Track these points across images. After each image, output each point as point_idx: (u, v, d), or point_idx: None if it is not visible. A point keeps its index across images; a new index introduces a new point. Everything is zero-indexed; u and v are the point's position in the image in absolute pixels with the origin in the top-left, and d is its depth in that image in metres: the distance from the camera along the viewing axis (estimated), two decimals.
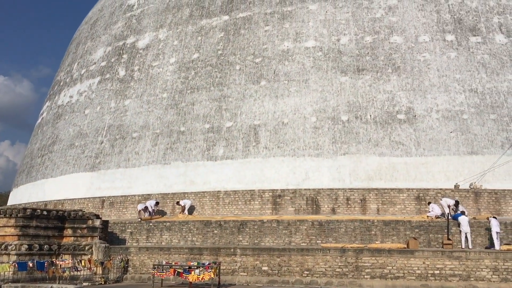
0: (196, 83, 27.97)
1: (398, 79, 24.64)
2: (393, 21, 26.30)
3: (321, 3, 27.93)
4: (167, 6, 32.18)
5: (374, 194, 22.14)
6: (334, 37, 26.72)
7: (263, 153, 24.71)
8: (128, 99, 29.83)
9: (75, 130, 31.81)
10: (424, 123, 23.40)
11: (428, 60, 24.93)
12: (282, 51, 27.15)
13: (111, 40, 34.20)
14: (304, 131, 24.69)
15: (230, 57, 27.92)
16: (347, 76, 25.41)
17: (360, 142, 23.64)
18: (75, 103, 33.44)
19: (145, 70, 30.18)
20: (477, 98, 24.02)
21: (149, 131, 27.73)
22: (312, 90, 25.51)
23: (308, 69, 26.09)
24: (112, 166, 28.01)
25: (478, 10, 26.54)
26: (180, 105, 27.64)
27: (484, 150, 22.77)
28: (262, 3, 29.22)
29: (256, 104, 26.07)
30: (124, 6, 35.39)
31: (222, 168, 25.21)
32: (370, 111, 24.35)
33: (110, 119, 29.93)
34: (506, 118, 23.52)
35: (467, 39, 25.60)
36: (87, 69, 34.76)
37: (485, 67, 24.69)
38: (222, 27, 29.38)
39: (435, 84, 24.23)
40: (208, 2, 30.78)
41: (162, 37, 30.97)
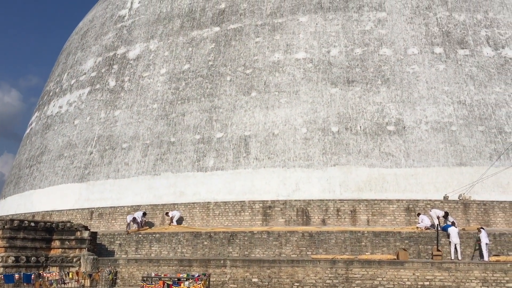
0: (187, 94, 27.96)
1: (388, 90, 24.85)
2: (382, 34, 26.58)
3: (312, 15, 28.18)
4: (158, 17, 32.27)
5: (364, 205, 22.17)
6: (324, 49, 26.93)
7: (254, 164, 24.70)
8: (118, 110, 29.74)
9: (64, 140, 31.60)
10: (413, 135, 23.58)
11: (417, 72, 25.19)
12: (272, 62, 27.29)
13: (101, 51, 34.15)
14: (295, 142, 24.75)
15: (221, 68, 28.00)
16: (337, 87, 25.58)
17: (350, 153, 23.74)
18: (65, 113, 33.25)
19: (136, 80, 30.14)
20: (465, 110, 24.29)
21: (139, 141, 27.62)
22: (303, 102, 25.64)
23: (298, 80, 26.23)
24: (101, 177, 27.80)
25: (466, 24, 26.93)
26: (171, 116, 27.60)
27: (472, 162, 22.97)
28: (253, 15, 29.41)
29: (246, 115, 26.12)
30: (115, 17, 35.40)
31: (213, 179, 25.13)
32: (360, 122, 24.50)
33: (99, 130, 29.79)
34: (494, 130, 23.79)
35: (455, 51, 25.93)
36: (77, 79, 34.63)
37: (473, 80, 25.00)
38: (213, 38, 29.49)
39: (424, 96, 24.47)
40: (199, 14, 30.90)
41: (153, 48, 31.00)
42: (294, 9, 28.86)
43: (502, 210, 21.40)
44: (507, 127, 23.64)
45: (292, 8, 28.85)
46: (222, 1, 31.13)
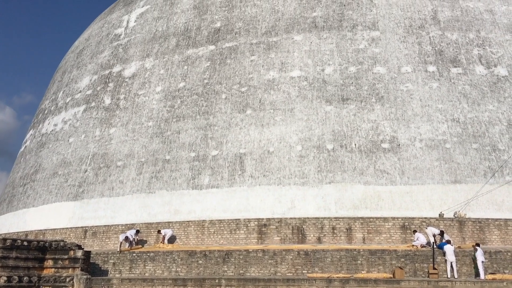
0: (182, 112, 28.03)
1: (382, 108, 25.01)
2: (376, 52, 26.85)
3: (306, 34, 28.46)
4: (153, 36, 32.50)
5: (359, 223, 22.11)
6: (319, 67, 27.15)
7: (249, 181, 24.66)
8: (113, 128, 29.72)
9: (58, 158, 31.49)
10: (408, 152, 23.66)
11: (411, 90, 25.40)
12: (267, 80, 27.45)
13: (97, 69, 34.29)
14: (290, 160, 24.76)
15: (216, 86, 28.13)
16: (332, 105, 25.72)
17: (345, 170, 23.76)
18: (59, 131, 33.21)
19: (131, 98, 30.21)
20: (459, 127, 24.45)
21: (134, 159, 27.56)
22: (298, 119, 25.73)
23: (293, 98, 26.37)
24: (95, 195, 27.65)
25: (458, 42, 27.28)
26: (166, 134, 27.61)
27: (467, 179, 23.04)
28: (248, 33, 29.68)
29: (242, 133, 26.16)
30: (111, 36, 35.65)
31: (208, 197, 25.03)
32: (355, 140, 24.58)
33: (94, 148, 29.74)
34: (488, 147, 23.93)
35: (448, 70, 26.21)
36: (72, 97, 34.69)
37: (467, 98, 25.22)
38: (208, 57, 29.68)
39: (418, 113, 24.63)
40: (195, 32, 31.16)
41: (149, 66, 31.15)
42: (288, 28, 29.17)
43: (497, 227, 21.39)
44: (500, 144, 23.79)
45: (286, 27, 29.15)
46: (218, 20, 31.44)
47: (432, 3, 28.47)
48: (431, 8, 28.23)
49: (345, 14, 28.61)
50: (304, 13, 29.47)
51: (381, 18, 28.00)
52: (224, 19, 31.17)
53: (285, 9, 30.07)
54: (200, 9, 32.34)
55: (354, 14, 28.57)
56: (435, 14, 28.13)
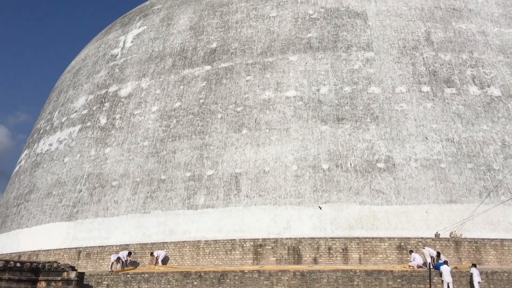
0: (178, 132, 28.05)
1: (377, 128, 25.12)
2: (370, 73, 27.09)
3: (301, 54, 28.72)
4: (150, 56, 32.71)
5: (355, 243, 21.99)
6: (314, 87, 27.32)
7: (244, 201, 24.55)
8: (108, 147, 29.68)
9: (53, 178, 31.31)
10: (403, 172, 23.69)
11: (405, 110, 25.56)
12: (263, 100, 27.58)
13: (93, 89, 34.38)
14: (285, 180, 24.73)
15: (212, 106, 28.21)
16: (327, 125, 25.81)
17: (341, 190, 23.73)
18: (54, 151, 33.10)
19: (127, 118, 30.23)
20: (453, 147, 24.55)
21: (129, 179, 27.45)
22: (293, 139, 25.78)
23: (289, 118, 26.47)
24: (90, 215, 27.44)
25: (451, 63, 27.58)
26: (161, 153, 27.56)
27: (462, 199, 23.04)
28: (243, 54, 29.92)
29: (237, 153, 26.15)
30: (107, 56, 35.86)
31: (203, 217, 24.87)
32: (350, 159, 24.61)
33: (89, 167, 29.63)
34: (483, 167, 24.00)
35: (442, 90, 26.44)
36: (68, 117, 34.69)
37: (461, 118, 25.40)
38: (204, 77, 29.84)
39: (413, 133, 24.74)
40: (191, 53, 31.39)
41: (145, 86, 31.27)
42: (284, 49, 29.43)
43: (493, 248, 21.32)
44: (495, 164, 23.89)
45: (282, 48, 29.42)
46: (214, 41, 31.72)
47: (425, 24, 28.88)
48: (424, 29, 28.62)
49: (339, 35, 28.94)
50: (299, 34, 29.78)
51: (375, 39, 28.33)
52: (220, 39, 31.45)
53: (281, 30, 30.40)
54: (196, 30, 32.65)
55: (348, 35, 28.91)
56: (428, 36, 28.51)
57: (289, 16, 30.85)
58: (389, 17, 29.09)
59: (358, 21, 29.25)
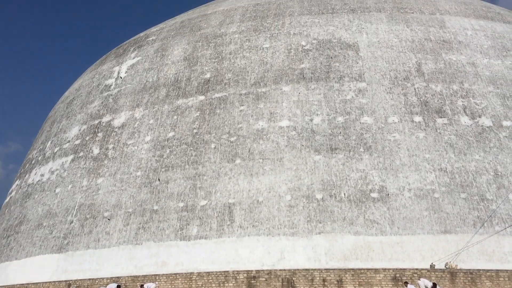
0: (171, 161, 27.97)
1: (370, 158, 25.18)
2: (363, 103, 27.34)
3: (294, 85, 28.99)
4: (144, 86, 32.89)
5: (350, 274, 21.72)
6: (307, 117, 27.49)
7: (238, 232, 24.32)
8: (101, 178, 29.47)
9: (44, 209, 30.93)
10: (397, 202, 23.64)
11: (398, 140, 25.71)
12: (257, 130, 27.67)
13: (86, 119, 34.37)
14: (279, 210, 24.57)
15: (206, 136, 28.24)
16: (320, 155, 25.86)
17: (335, 220, 23.59)
18: (46, 181, 32.81)
19: (120, 148, 30.15)
20: (447, 177, 24.60)
21: (121, 210, 27.17)
22: (287, 169, 25.76)
23: (282, 147, 26.51)
24: (81, 247, 27.00)
25: (442, 94, 27.93)
26: (154, 184, 27.39)
27: (457, 229, 22.95)
28: (237, 84, 30.16)
29: (231, 183, 26.04)
30: (101, 86, 36.01)
31: (196, 248, 24.56)
32: (344, 189, 24.56)
33: (81, 198, 29.33)
34: (476, 197, 24.01)
35: (434, 120, 26.68)
36: (60, 147, 34.54)
37: (453, 147, 25.55)
38: (198, 107, 29.96)
39: (406, 163, 24.81)
40: (185, 83, 31.61)
41: (138, 116, 31.32)
42: (277, 79, 29.72)
43: (489, 279, 21.12)
44: (488, 194, 23.91)
45: (275, 78, 29.71)
46: (207, 71, 32.00)
47: (416, 56, 29.37)
48: (415, 61, 29.09)
49: (332, 66, 29.31)
50: (292, 64, 30.15)
51: (367, 70, 28.72)
52: (213, 70, 31.74)
53: (274, 60, 30.77)
54: (190, 61, 32.97)
55: (341, 66, 29.29)
56: (419, 67, 28.95)
57: (282, 47, 31.30)
58: (381, 48, 29.58)
59: (350, 52, 29.69)
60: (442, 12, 31.97)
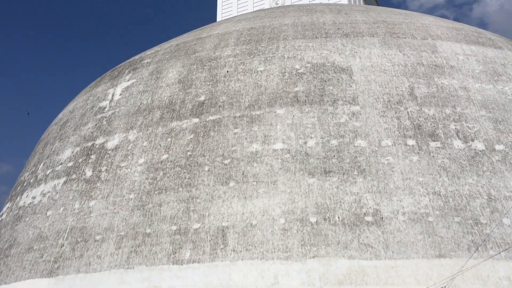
0: (164, 184, 27.74)
1: (364, 181, 25.11)
2: (357, 126, 27.41)
3: (288, 108, 29.05)
4: (138, 109, 32.83)
5: None
6: (301, 140, 27.47)
7: (231, 256, 23.98)
8: (93, 200, 29.16)
9: (35, 232, 30.46)
10: (391, 225, 23.48)
11: (392, 163, 25.70)
12: (251, 153, 27.56)
13: (80, 141, 34.15)
14: (273, 233, 24.31)
15: (199, 159, 28.10)
16: (314, 177, 25.74)
17: (329, 244, 23.35)
18: (38, 204, 32.40)
19: (113, 170, 29.92)
20: (440, 201, 24.53)
21: (113, 233, 26.80)
22: (281, 192, 25.58)
23: (276, 170, 26.39)
24: (71, 271, 26.48)
25: (435, 117, 28.07)
26: (147, 206, 27.11)
27: (451, 254, 22.78)
28: (231, 107, 30.18)
29: (224, 206, 25.80)
30: (95, 108, 35.93)
31: (188, 272, 24.09)
32: (338, 213, 24.40)
33: (73, 221, 28.96)
34: (470, 221, 23.91)
35: (427, 144, 26.74)
36: (53, 169, 34.20)
37: (446, 171, 25.56)
38: (192, 129, 29.89)
39: (400, 186, 24.75)
40: (179, 106, 31.61)
41: (132, 138, 31.19)
42: (271, 102, 29.78)
43: None
44: (482, 218, 23.84)
45: (269, 101, 29.77)
46: (202, 94, 32.03)
47: (408, 80, 29.61)
48: (408, 85, 29.32)
49: (326, 89, 29.45)
50: (286, 88, 30.25)
51: (361, 93, 28.89)
52: (208, 93, 31.77)
53: (268, 84, 30.87)
54: (185, 83, 33.02)
55: (334, 89, 29.43)
56: (412, 91, 29.16)
57: (276, 70, 31.45)
58: (374, 72, 29.81)
59: (344, 76, 29.88)
60: (434, 37, 32.45)
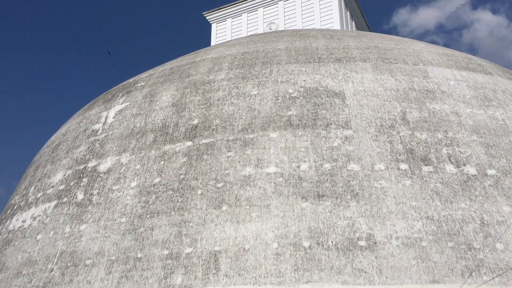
0: (157, 208, 27.47)
1: (357, 205, 25.03)
2: (349, 150, 27.46)
3: (282, 131, 29.11)
4: (131, 132, 32.73)
5: None
6: (295, 163, 27.44)
7: (223, 281, 23.62)
8: (84, 224, 28.78)
9: (24, 257, 29.91)
10: (384, 250, 23.32)
11: (385, 187, 25.68)
12: (244, 176, 27.45)
13: (72, 164, 33.88)
14: (266, 258, 24.05)
15: (192, 182, 27.93)
16: (307, 201, 25.62)
17: (323, 269, 23.10)
18: (27, 228, 31.92)
19: (105, 194, 29.64)
20: (434, 225, 24.47)
21: (103, 258, 26.38)
22: (274, 216, 25.38)
23: (269, 194, 26.25)
24: None
25: (427, 142, 28.24)
26: (139, 230, 26.77)
27: (445, 279, 22.60)
28: (225, 130, 30.19)
29: (217, 230, 25.54)
30: (88, 131, 35.80)
31: None
32: (332, 237, 24.22)
33: (63, 245, 28.51)
34: (463, 246, 23.81)
35: (419, 168, 26.80)
36: (44, 192, 33.82)
37: (439, 195, 25.57)
38: (185, 152, 29.79)
39: (393, 211, 24.68)
40: (172, 129, 31.58)
41: (125, 162, 31.01)
42: (264, 126, 29.83)
43: None
44: (475, 243, 23.76)
45: (263, 125, 29.82)
46: (195, 117, 32.05)
47: (400, 104, 29.87)
48: (400, 109, 29.56)
49: (319, 113, 29.60)
50: (279, 111, 30.37)
51: (353, 117, 29.06)
52: (201, 116, 31.79)
53: (261, 107, 30.98)
54: (178, 107, 33.07)
55: (327, 113, 29.59)
56: (404, 115, 29.39)
57: (269, 94, 31.61)
58: (366, 97, 30.07)
59: (337, 100, 30.09)
60: (425, 62, 32.92)
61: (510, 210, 23.95)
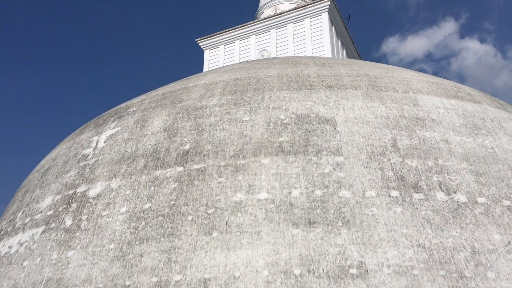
0: (146, 234, 27.13)
1: (349, 232, 24.90)
2: (341, 177, 27.47)
3: (273, 157, 29.12)
4: (122, 157, 32.55)
5: None
6: (286, 190, 27.36)
7: None
8: (72, 250, 28.29)
9: (9, 284, 29.22)
10: (376, 278, 23.10)
11: (376, 214, 25.62)
12: (234, 202, 27.27)
13: (61, 189, 33.50)
14: (256, 286, 23.70)
15: (183, 208, 27.69)
16: (298, 228, 25.46)
17: None
18: (14, 254, 31.31)
19: (94, 219, 29.26)
20: (425, 253, 24.36)
21: (91, 285, 25.84)
22: (265, 242, 25.16)
23: (260, 221, 26.07)
24: None
25: (418, 169, 28.36)
26: (128, 257, 26.36)
27: None
28: (216, 156, 30.14)
29: (207, 256, 25.23)
30: (78, 156, 35.54)
31: None
32: (323, 265, 24.00)
33: (49, 272, 27.95)
34: (455, 274, 23.69)
35: (410, 195, 26.83)
36: (31, 218, 33.32)
37: (430, 223, 25.54)
38: (176, 178, 29.62)
39: (384, 238, 24.57)
40: (164, 154, 31.47)
41: (115, 187, 30.74)
42: (256, 152, 29.85)
43: None
44: (467, 271, 23.65)
45: (254, 151, 29.84)
46: (187, 143, 32.02)
47: (391, 132, 30.10)
48: (390, 136, 29.77)
49: (310, 139, 29.71)
50: (271, 138, 30.45)
51: (345, 144, 29.18)
52: (193, 141, 31.76)
53: (253, 133, 31.06)
54: (170, 132, 33.04)
55: (318, 140, 29.71)
56: (394, 142, 29.58)
57: (261, 120, 31.74)
58: (357, 124, 30.28)
59: (328, 127, 30.26)
60: (414, 91, 33.35)
61: (501, 239, 23.96)
